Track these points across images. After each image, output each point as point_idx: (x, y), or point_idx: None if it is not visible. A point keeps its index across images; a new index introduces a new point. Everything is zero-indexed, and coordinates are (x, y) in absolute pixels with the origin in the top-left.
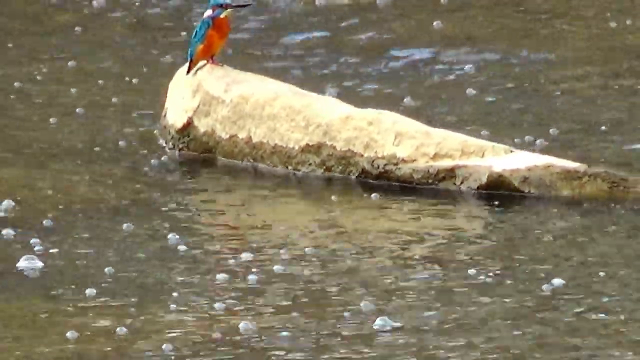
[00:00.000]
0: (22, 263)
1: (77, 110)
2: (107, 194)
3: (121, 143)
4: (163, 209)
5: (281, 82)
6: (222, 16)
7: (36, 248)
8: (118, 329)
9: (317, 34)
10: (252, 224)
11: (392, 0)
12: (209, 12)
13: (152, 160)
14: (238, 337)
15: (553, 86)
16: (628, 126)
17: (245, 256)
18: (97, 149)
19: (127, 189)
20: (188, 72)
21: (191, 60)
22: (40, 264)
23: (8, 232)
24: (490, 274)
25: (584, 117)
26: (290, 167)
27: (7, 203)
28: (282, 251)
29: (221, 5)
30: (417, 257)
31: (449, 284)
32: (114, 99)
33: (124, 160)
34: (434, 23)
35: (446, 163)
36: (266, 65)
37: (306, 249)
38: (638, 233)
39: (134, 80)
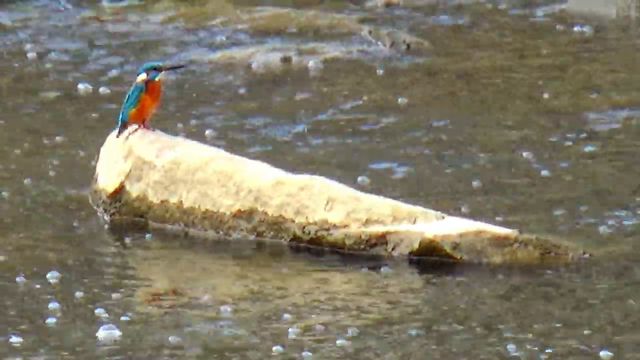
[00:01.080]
0: None
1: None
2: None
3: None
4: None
5: (213, 147)
6: (156, 79)
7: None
8: None
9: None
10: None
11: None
12: (142, 76)
13: (82, 226)
14: None
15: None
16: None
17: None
18: (22, 211)
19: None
20: (118, 135)
21: (122, 124)
22: None
23: None
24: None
25: (516, 183)
26: (221, 232)
27: None
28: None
29: (155, 68)
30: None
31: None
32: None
33: (53, 224)
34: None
35: (378, 228)
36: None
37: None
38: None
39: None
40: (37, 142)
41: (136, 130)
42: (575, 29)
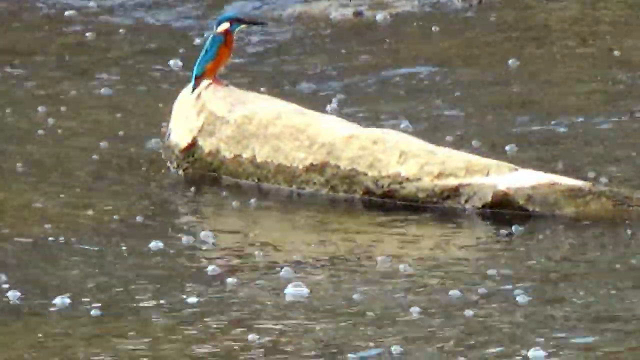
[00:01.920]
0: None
1: (81, 130)
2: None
3: (125, 162)
4: (168, 230)
5: (285, 102)
6: (235, 31)
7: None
8: None
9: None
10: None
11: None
12: (225, 26)
13: (156, 180)
14: None
15: (553, 105)
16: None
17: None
18: (99, 167)
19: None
20: (194, 90)
21: (198, 78)
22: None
23: None
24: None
25: (586, 135)
26: (294, 186)
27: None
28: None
29: (239, 20)
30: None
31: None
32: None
33: (129, 179)
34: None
35: (450, 182)
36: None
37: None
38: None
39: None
40: (108, 99)
41: (209, 85)
42: None
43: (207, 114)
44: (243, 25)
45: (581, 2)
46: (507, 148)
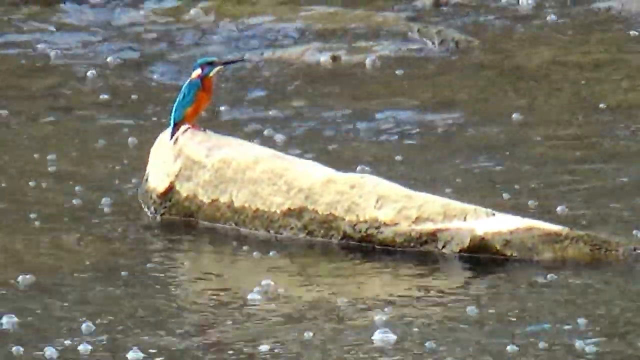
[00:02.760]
0: None
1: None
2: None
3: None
4: (145, 275)
5: (262, 146)
6: (210, 75)
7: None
8: None
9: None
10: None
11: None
12: (197, 72)
13: (133, 226)
14: None
15: (535, 148)
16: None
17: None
18: (76, 211)
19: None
20: (172, 136)
21: (176, 125)
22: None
23: None
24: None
25: (565, 180)
26: (272, 231)
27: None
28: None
29: (210, 63)
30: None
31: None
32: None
33: (104, 225)
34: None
35: (428, 226)
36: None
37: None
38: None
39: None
40: (85, 145)
41: (186, 130)
42: (622, 27)
43: (184, 159)
44: (219, 67)
45: (556, 46)
46: (484, 191)
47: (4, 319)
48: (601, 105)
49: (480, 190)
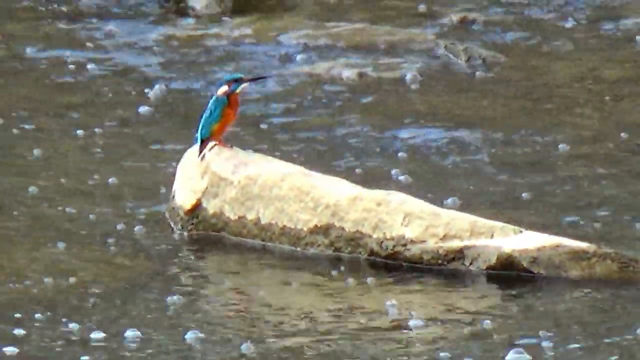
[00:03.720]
0: None
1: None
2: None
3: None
4: (172, 291)
5: (289, 163)
6: (237, 92)
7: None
8: None
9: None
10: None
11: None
12: (224, 89)
13: (160, 242)
14: None
15: (561, 166)
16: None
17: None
18: (103, 227)
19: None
20: (200, 153)
21: (204, 141)
22: None
23: None
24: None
25: (592, 197)
26: (298, 248)
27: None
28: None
29: (237, 80)
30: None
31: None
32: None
33: (131, 241)
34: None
35: (455, 244)
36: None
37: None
38: None
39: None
40: (115, 159)
41: (213, 147)
42: None
43: (211, 176)
44: (245, 84)
45: (584, 63)
46: (510, 209)
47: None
48: (628, 122)
49: (507, 208)
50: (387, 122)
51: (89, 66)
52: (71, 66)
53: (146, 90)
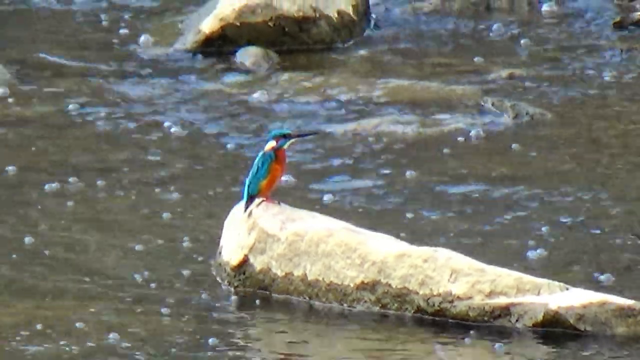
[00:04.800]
0: None
1: (133, 245)
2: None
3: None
4: (219, 348)
5: (335, 219)
6: (284, 147)
7: None
8: None
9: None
10: None
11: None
12: (271, 144)
13: (207, 298)
14: None
15: (607, 223)
16: None
17: None
18: (152, 285)
19: (182, 327)
20: (246, 209)
21: (251, 198)
22: None
23: None
24: None
25: (638, 255)
26: (345, 305)
27: None
28: None
29: (285, 136)
30: None
31: None
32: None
33: (178, 297)
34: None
35: (501, 301)
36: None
37: None
38: None
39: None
40: (161, 215)
41: (261, 203)
42: None
43: (258, 232)
44: (293, 140)
45: (632, 118)
46: (556, 266)
47: None
48: None
49: (554, 264)
50: (435, 178)
51: (134, 122)
52: (118, 121)
53: (192, 146)
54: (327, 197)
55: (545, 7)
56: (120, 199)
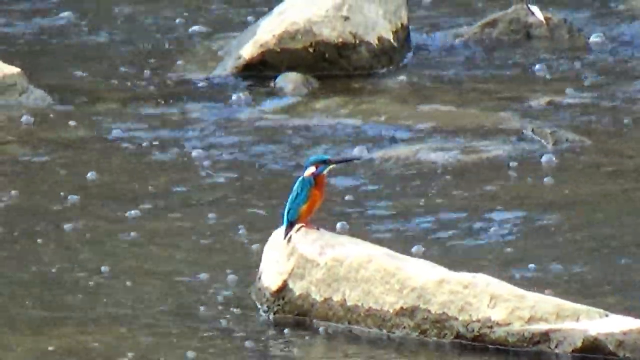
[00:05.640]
0: None
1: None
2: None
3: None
4: None
5: (375, 245)
6: (324, 173)
7: None
8: None
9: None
10: None
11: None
12: (311, 170)
13: (247, 323)
14: None
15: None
16: None
17: None
18: (193, 311)
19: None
20: (286, 235)
21: (291, 224)
22: None
23: None
24: None
25: None
26: (384, 330)
27: None
28: None
29: (324, 162)
30: None
31: None
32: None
33: (218, 323)
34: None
35: (541, 326)
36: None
37: None
38: None
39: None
40: (200, 239)
41: (300, 228)
42: None
43: (297, 257)
44: (332, 166)
45: None
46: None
47: None
48: None
49: (593, 291)
50: (474, 204)
51: (174, 149)
52: (158, 145)
53: (231, 171)
54: (365, 222)
55: (593, 39)
56: (156, 224)
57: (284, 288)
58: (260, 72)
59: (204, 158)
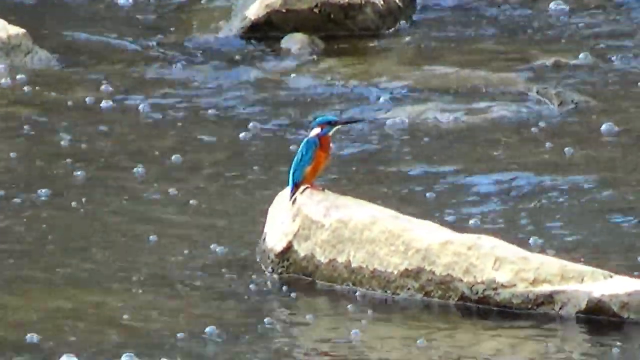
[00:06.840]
0: None
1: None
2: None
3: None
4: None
5: (380, 206)
6: (329, 134)
7: None
8: None
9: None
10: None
11: None
12: (316, 131)
13: (251, 284)
14: None
15: None
16: None
17: None
18: (198, 273)
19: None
20: (291, 197)
21: (296, 185)
22: None
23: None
24: None
25: None
26: (389, 292)
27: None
28: None
29: (330, 123)
30: None
31: None
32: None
33: (222, 284)
34: None
35: (545, 288)
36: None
37: None
38: None
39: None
40: (206, 202)
41: (305, 190)
42: None
43: (302, 218)
44: (338, 127)
45: None
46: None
47: None
48: None
49: (597, 252)
50: (479, 166)
51: (178, 110)
52: (163, 106)
53: (236, 132)
54: (370, 183)
55: None
56: (161, 186)
57: (288, 249)
58: (266, 33)
59: (208, 118)
